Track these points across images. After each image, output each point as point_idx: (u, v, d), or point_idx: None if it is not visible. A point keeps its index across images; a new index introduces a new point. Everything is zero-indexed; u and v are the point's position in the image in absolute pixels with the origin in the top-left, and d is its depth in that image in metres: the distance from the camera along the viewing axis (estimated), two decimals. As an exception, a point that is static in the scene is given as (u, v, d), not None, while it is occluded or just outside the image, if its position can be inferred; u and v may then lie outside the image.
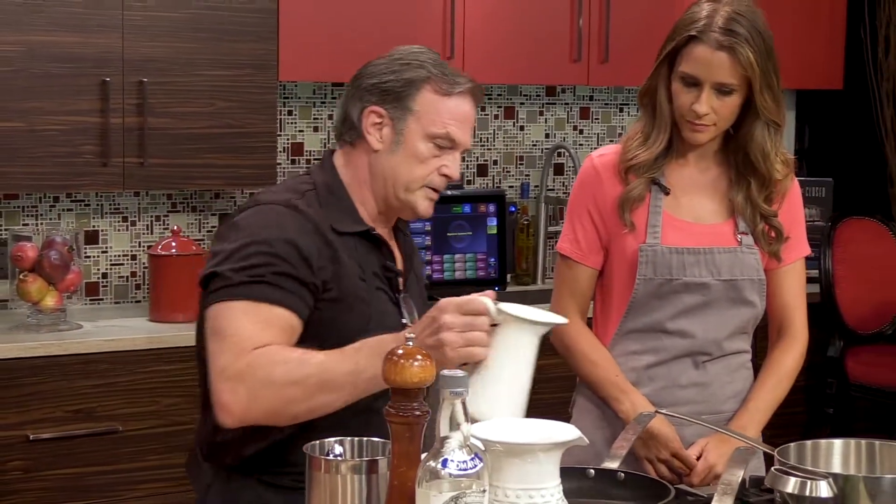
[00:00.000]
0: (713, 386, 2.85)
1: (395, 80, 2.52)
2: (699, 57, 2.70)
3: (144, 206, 4.72)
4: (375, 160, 2.54)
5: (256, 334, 2.32)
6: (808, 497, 2.09)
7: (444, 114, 2.51)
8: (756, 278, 2.82)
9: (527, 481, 1.88)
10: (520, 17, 4.94)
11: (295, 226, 2.43)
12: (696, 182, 2.86)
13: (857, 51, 5.88)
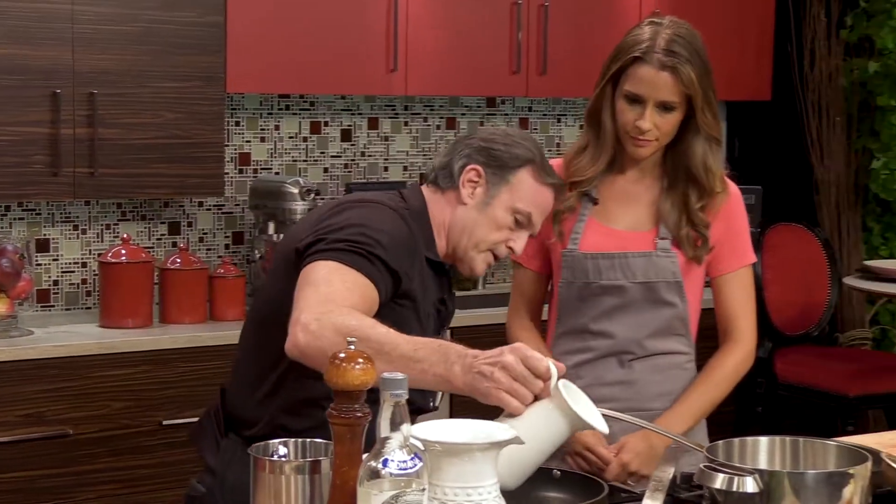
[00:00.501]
0: (638, 384, 2.88)
1: (505, 151, 2.62)
2: (643, 76, 2.76)
3: (95, 215, 4.69)
4: (461, 211, 2.63)
5: (343, 293, 2.33)
6: (735, 492, 2.11)
7: (533, 196, 2.63)
8: (672, 280, 2.86)
9: (464, 480, 1.88)
10: (460, 30, 4.95)
11: (400, 229, 2.51)
12: (626, 192, 2.90)
13: (784, 64, 5.94)
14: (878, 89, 5.87)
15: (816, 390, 5.38)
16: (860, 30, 5.97)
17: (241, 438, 2.55)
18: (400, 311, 2.48)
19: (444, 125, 5.37)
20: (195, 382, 4.28)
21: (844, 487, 2.10)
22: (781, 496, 2.09)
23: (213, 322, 4.51)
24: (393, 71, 4.80)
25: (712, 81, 2.83)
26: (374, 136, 5.22)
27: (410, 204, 2.63)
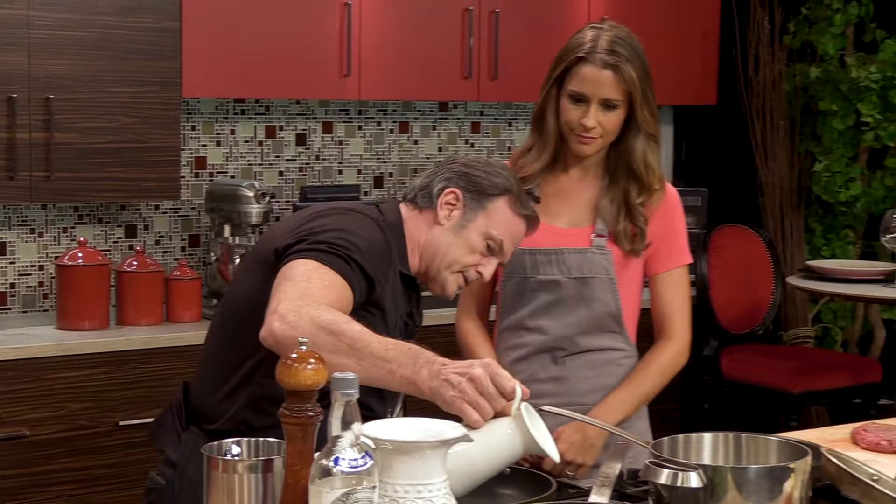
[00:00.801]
0: (572, 380, 2.93)
1: (485, 178, 2.66)
2: (587, 76, 2.83)
3: (52, 219, 4.66)
4: (436, 231, 2.65)
5: (321, 290, 2.35)
6: (679, 487, 2.12)
7: (507, 225, 2.66)
8: (606, 277, 2.91)
9: (414, 477, 1.88)
10: (413, 36, 4.95)
11: (377, 239, 2.53)
12: (568, 189, 2.97)
13: (729, 69, 5.98)
14: (819, 94, 5.92)
15: (761, 387, 5.42)
16: (802, 36, 6.01)
17: (203, 432, 2.55)
18: (369, 319, 2.46)
19: (397, 129, 5.37)
20: (152, 383, 4.26)
21: (785, 481, 2.11)
22: (725, 491, 2.10)
23: (170, 324, 4.49)
24: (346, 76, 4.79)
25: (651, 82, 2.89)
26: (329, 139, 5.21)
27: (387, 218, 2.64)
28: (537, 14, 5.21)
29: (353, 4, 4.78)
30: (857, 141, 5.88)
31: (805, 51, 6.03)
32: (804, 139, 6.05)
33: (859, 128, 5.84)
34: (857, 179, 5.88)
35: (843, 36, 5.91)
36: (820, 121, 5.97)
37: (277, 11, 4.66)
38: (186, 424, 2.63)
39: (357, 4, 4.80)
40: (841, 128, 5.86)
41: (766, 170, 6.02)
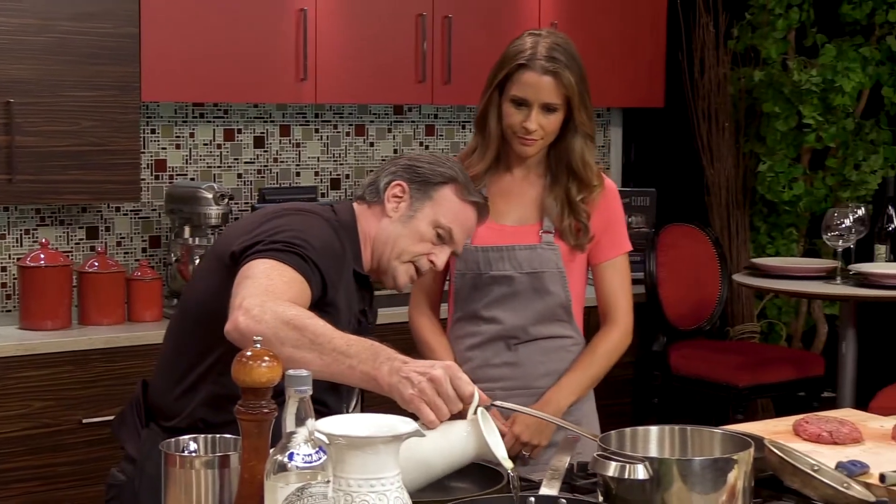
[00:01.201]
0: (525, 365, 3.02)
1: (429, 169, 2.68)
2: (528, 81, 2.91)
3: (14, 220, 4.62)
4: (385, 224, 2.65)
5: (281, 287, 2.35)
6: (626, 479, 2.12)
7: (454, 213, 2.67)
8: (556, 270, 2.99)
9: (368, 471, 1.88)
10: (368, 41, 4.94)
11: (331, 239, 2.54)
12: (513, 189, 3.04)
13: (675, 73, 6.00)
14: (763, 97, 5.94)
15: (708, 381, 5.44)
16: (746, 40, 6.04)
17: (162, 429, 2.54)
18: (323, 318, 2.43)
19: (353, 132, 5.36)
20: (114, 382, 4.24)
21: (729, 472, 2.12)
22: (670, 482, 2.11)
23: (131, 323, 4.47)
24: (303, 80, 4.78)
25: (587, 85, 2.96)
26: (286, 142, 5.20)
27: (341, 217, 2.65)
28: (489, 19, 5.21)
29: (308, 10, 4.77)
30: (799, 142, 5.91)
31: (749, 55, 6.05)
32: (748, 140, 6.08)
33: (801, 129, 5.87)
34: (799, 179, 5.91)
35: (785, 40, 5.94)
36: (763, 122, 6.00)
37: (235, 17, 4.64)
38: (146, 422, 2.62)
39: (313, 10, 4.79)
40: (784, 129, 5.89)
41: (712, 170, 6.04)
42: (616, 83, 5.64)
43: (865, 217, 5.10)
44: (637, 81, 5.75)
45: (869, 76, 5.75)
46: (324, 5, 4.83)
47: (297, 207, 2.64)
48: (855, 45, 5.81)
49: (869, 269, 5.04)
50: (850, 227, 5.06)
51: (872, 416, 3.10)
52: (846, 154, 5.86)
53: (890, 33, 5.79)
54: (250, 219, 2.61)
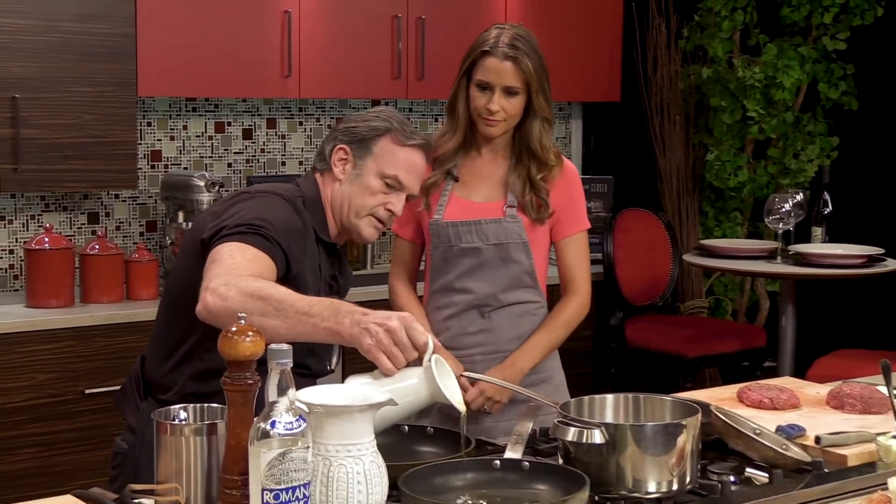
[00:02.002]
0: (497, 331, 3.03)
1: (364, 127, 2.65)
2: (490, 66, 2.95)
3: (20, 207, 4.58)
4: (337, 188, 2.64)
5: (245, 264, 2.34)
6: (584, 443, 2.12)
7: (397, 160, 2.63)
8: (520, 241, 3.01)
9: (345, 437, 1.87)
10: (347, 41, 4.92)
11: (290, 217, 2.52)
12: (481, 170, 3.06)
13: (631, 70, 5.99)
14: (710, 92, 5.94)
15: (660, 353, 5.45)
16: (695, 40, 6.03)
17: (157, 402, 2.53)
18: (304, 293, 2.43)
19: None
20: (113, 355, 4.21)
21: (678, 436, 2.12)
22: (625, 446, 2.10)
23: (129, 301, 4.44)
24: (288, 76, 4.76)
25: (547, 73, 2.99)
26: (273, 134, 5.17)
27: (304, 192, 2.64)
28: (459, 20, 5.19)
29: (293, 12, 4.75)
30: (743, 133, 5.91)
31: (697, 53, 6.05)
32: (698, 132, 6.08)
33: (745, 122, 5.87)
34: (743, 167, 5.92)
35: (730, 40, 5.94)
36: (711, 116, 6.00)
37: (225, 18, 4.62)
38: (144, 395, 2.61)
39: (297, 12, 4.76)
40: (729, 122, 5.89)
41: (664, 159, 6.04)
42: (577, 79, 5.64)
43: (803, 202, 5.12)
44: (596, 78, 5.74)
45: (806, 73, 5.76)
46: (307, 7, 4.80)
47: (259, 190, 2.60)
48: (794, 44, 5.82)
49: (806, 250, 5.05)
50: (789, 211, 5.07)
51: (809, 383, 3.10)
52: (786, 144, 5.87)
53: (825, 34, 5.80)
54: (219, 204, 2.58)
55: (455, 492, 2.07)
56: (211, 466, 1.95)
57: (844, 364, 4.71)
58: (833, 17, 5.74)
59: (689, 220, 6.08)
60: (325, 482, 1.86)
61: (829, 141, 5.87)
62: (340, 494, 1.85)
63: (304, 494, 1.80)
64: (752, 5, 5.90)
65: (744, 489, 2.23)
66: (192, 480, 1.95)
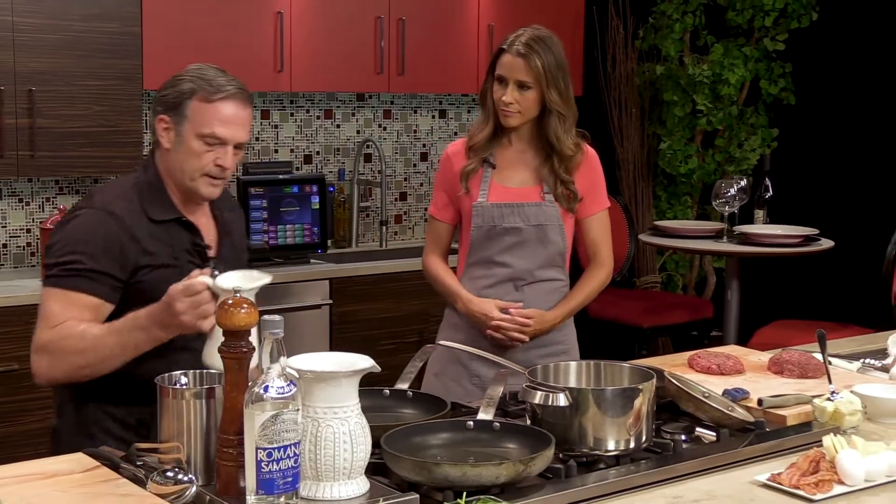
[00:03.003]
0: (529, 303, 3.04)
1: (172, 92, 2.48)
2: (505, 62, 2.96)
3: (36, 190, 4.53)
4: (168, 157, 2.49)
5: (59, 313, 2.35)
6: (550, 406, 2.11)
7: (209, 117, 2.44)
8: (556, 224, 3.02)
9: (331, 401, 1.85)
10: (334, 39, 4.88)
11: (103, 231, 2.40)
12: (515, 159, 3.06)
13: (591, 66, 5.97)
14: (663, 87, 5.93)
15: (618, 324, 5.44)
16: (650, 40, 6.02)
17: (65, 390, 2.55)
18: (151, 280, 2.41)
19: (322, 115, 5.29)
20: (121, 325, 4.17)
21: (635, 399, 2.11)
22: (587, 408, 2.10)
23: (136, 276, 4.40)
24: (280, 71, 4.72)
25: (564, 71, 3.00)
26: (266, 124, 5.12)
27: (140, 180, 2.51)
28: (436, 21, 5.16)
29: (284, 12, 4.70)
30: (693, 125, 5.91)
31: (652, 52, 6.04)
32: (652, 123, 6.08)
33: (695, 114, 5.87)
34: (693, 156, 5.91)
35: (681, 40, 5.93)
36: (664, 109, 6.00)
37: (223, 18, 4.58)
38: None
39: (288, 13, 4.72)
40: (681, 114, 5.88)
41: (621, 149, 6.03)
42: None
43: (747, 187, 5.11)
44: (559, 74, 5.71)
45: (749, 71, 5.76)
46: (297, 8, 4.76)
47: (79, 207, 2.47)
48: (738, 45, 5.81)
49: (750, 230, 5.05)
50: (734, 195, 5.07)
51: (752, 351, 3.10)
52: (731, 135, 5.87)
53: (766, 36, 5.80)
54: (54, 228, 2.51)
55: (432, 449, 2.06)
56: (209, 427, 1.93)
57: (783, 333, 4.73)
58: (773, 20, 5.74)
59: (644, 203, 6.08)
60: (313, 441, 1.84)
61: (769, 132, 5.87)
62: (328, 452, 1.84)
63: (294, 453, 1.79)
64: (700, 9, 5.89)
65: (694, 447, 2.23)
66: (193, 440, 1.94)
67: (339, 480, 1.85)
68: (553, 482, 1.99)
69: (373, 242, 5.40)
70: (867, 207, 5.54)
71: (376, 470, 1.97)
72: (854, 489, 2.04)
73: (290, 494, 1.79)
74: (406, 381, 2.44)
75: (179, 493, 1.87)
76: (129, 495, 1.89)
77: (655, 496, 2.02)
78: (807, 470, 2.07)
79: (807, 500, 1.99)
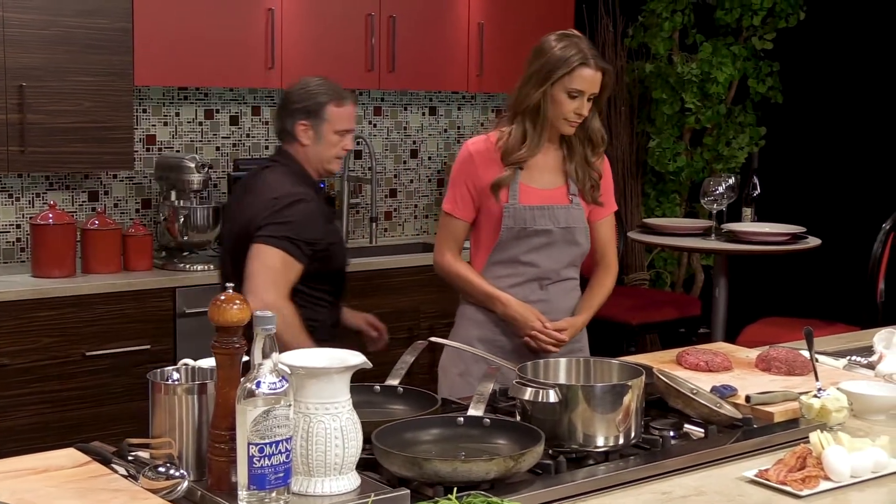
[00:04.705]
0: (553, 301, 3.06)
1: (313, 103, 3.24)
2: (587, 77, 2.92)
3: (26, 186, 4.52)
4: (307, 150, 3.26)
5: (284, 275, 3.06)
6: (539, 402, 2.11)
7: (341, 117, 3.26)
8: (582, 226, 3.05)
9: (323, 396, 1.86)
10: (325, 36, 4.87)
11: (313, 213, 3.16)
12: (540, 161, 3.04)
13: (581, 65, 5.96)
14: (652, 85, 5.94)
15: (607, 320, 5.43)
16: (639, 38, 6.03)
17: None
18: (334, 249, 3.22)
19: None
20: (112, 321, 4.17)
21: (624, 396, 2.12)
22: (577, 404, 2.10)
23: (126, 272, 4.39)
24: (271, 68, 4.71)
25: None
26: (257, 120, 5.12)
27: (292, 167, 3.24)
28: (426, 18, 5.16)
29: (276, 10, 4.70)
30: (682, 123, 5.92)
31: (641, 50, 6.05)
32: (641, 121, 6.09)
33: (684, 113, 5.88)
34: (682, 154, 5.93)
35: (670, 39, 5.94)
36: (653, 107, 6.01)
37: (214, 15, 4.56)
38: None
39: (279, 10, 4.71)
40: (669, 112, 5.89)
41: (611, 146, 6.03)
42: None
43: (735, 185, 5.13)
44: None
45: (738, 69, 5.77)
46: (288, 5, 4.75)
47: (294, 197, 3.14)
48: (727, 43, 5.83)
49: (738, 228, 5.07)
50: (722, 193, 5.08)
51: (740, 348, 3.12)
52: (719, 133, 5.88)
53: (754, 35, 5.82)
54: (264, 198, 3.15)
55: (423, 445, 2.07)
56: (201, 423, 1.93)
57: (771, 331, 4.74)
58: (761, 19, 5.76)
59: (633, 200, 6.09)
60: (305, 437, 1.85)
61: (757, 130, 5.89)
62: (319, 448, 1.84)
63: (286, 448, 1.79)
64: (689, 8, 5.90)
65: (682, 443, 2.24)
66: (184, 435, 1.93)
67: (331, 476, 1.86)
68: (543, 478, 2.00)
69: (363, 239, 5.40)
70: (854, 206, 5.56)
71: (367, 465, 1.97)
72: (840, 485, 2.06)
73: (281, 490, 1.79)
74: (396, 378, 2.45)
75: (171, 489, 1.87)
76: (121, 490, 1.89)
77: (644, 492, 2.03)
78: (794, 466, 2.08)
79: (794, 496, 2.00)
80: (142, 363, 4.13)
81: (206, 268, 4.40)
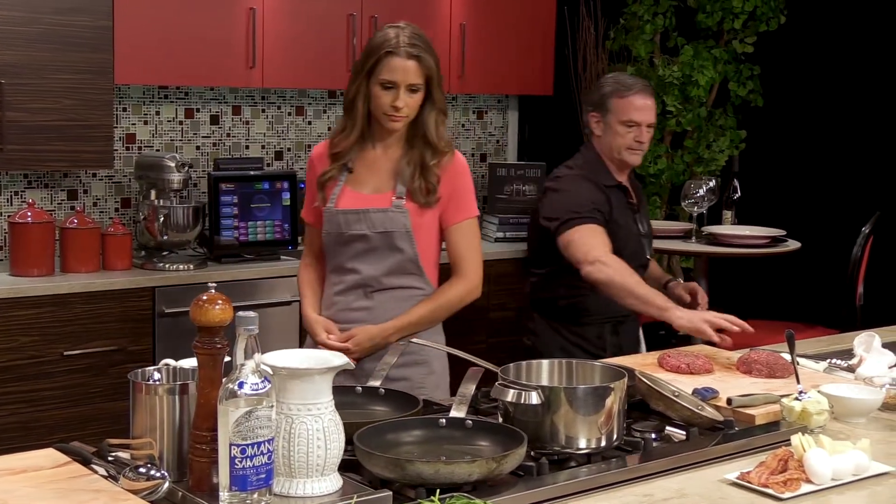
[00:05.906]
0: (378, 310, 2.90)
1: (597, 95, 3.57)
2: (396, 66, 2.81)
3: (5, 184, 4.49)
4: (601, 141, 3.56)
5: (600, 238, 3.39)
6: (522, 404, 2.11)
7: (627, 108, 3.51)
8: (404, 231, 2.87)
9: (306, 397, 1.85)
10: (307, 36, 4.86)
11: (590, 189, 3.49)
12: (375, 161, 2.93)
13: (563, 66, 5.98)
14: (634, 88, 5.94)
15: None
16: (620, 41, 6.04)
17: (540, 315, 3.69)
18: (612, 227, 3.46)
19: (294, 112, 5.27)
20: (90, 320, 4.14)
21: (607, 398, 2.12)
22: (559, 406, 2.10)
23: (105, 271, 4.36)
24: (252, 67, 4.70)
25: (440, 68, 2.88)
26: (238, 120, 5.10)
27: (586, 161, 3.57)
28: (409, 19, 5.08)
29: (257, 9, 4.69)
30: (662, 125, 5.93)
31: (622, 53, 6.05)
32: (621, 124, 6.08)
33: (665, 115, 5.88)
34: (662, 156, 5.94)
35: (652, 42, 5.95)
36: (634, 109, 6.00)
37: (195, 13, 4.55)
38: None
39: (261, 9, 4.70)
40: (650, 115, 5.89)
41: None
42: (513, 74, 5.63)
43: (715, 188, 5.14)
44: (531, 73, 5.72)
45: (719, 72, 5.79)
46: (270, 5, 4.74)
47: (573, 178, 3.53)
48: (708, 46, 5.84)
49: (718, 231, 5.08)
50: (703, 195, 5.09)
51: (721, 351, 3.12)
52: (700, 136, 5.90)
53: (735, 38, 5.83)
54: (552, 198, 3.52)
55: (405, 447, 2.06)
56: (182, 423, 1.92)
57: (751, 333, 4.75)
58: (742, 23, 5.77)
59: (613, 202, 6.09)
60: (287, 438, 1.84)
61: (737, 134, 5.90)
62: (301, 449, 1.84)
63: (268, 449, 1.79)
64: (671, 11, 5.91)
65: (664, 445, 2.24)
66: (165, 436, 1.93)
67: (313, 477, 1.85)
68: (525, 480, 2.00)
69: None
70: (834, 209, 5.59)
71: (349, 467, 1.97)
72: (821, 488, 2.06)
73: (263, 491, 1.79)
74: (378, 379, 2.44)
75: (152, 489, 1.86)
76: (101, 491, 1.88)
77: (626, 494, 2.03)
78: (775, 468, 2.08)
79: (775, 499, 2.01)
80: (121, 363, 4.11)
81: (185, 267, 4.39)
